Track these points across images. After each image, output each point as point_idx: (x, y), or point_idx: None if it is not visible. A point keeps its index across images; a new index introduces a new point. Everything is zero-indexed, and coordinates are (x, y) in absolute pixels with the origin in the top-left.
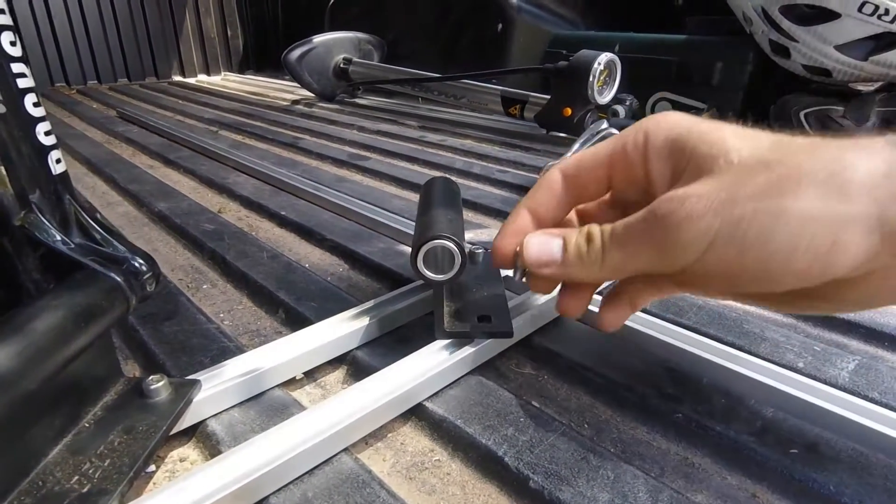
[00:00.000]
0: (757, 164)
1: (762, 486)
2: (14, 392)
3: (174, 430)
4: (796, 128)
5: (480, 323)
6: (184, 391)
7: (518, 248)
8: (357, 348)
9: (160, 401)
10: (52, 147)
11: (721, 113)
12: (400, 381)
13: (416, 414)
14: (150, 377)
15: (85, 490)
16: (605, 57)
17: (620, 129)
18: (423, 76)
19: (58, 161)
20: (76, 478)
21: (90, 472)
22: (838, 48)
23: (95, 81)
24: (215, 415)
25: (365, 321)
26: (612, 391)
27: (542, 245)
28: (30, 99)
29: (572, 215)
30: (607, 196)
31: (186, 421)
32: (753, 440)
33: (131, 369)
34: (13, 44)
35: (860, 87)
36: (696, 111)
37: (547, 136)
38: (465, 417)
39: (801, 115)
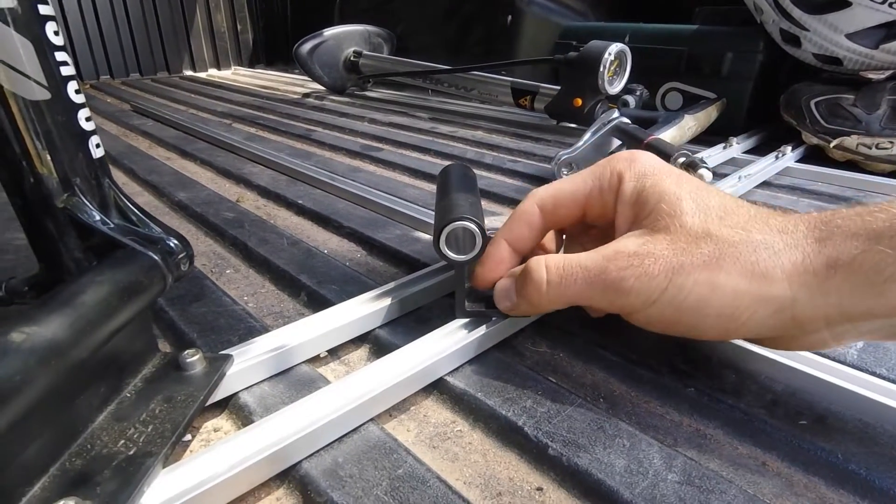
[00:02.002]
0: (703, 234)
1: (772, 455)
2: (67, 360)
3: (208, 402)
4: (806, 117)
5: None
6: (217, 365)
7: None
8: (378, 328)
9: (195, 373)
10: (92, 132)
11: (731, 103)
12: (422, 356)
13: (438, 388)
14: (186, 351)
15: (131, 453)
16: (615, 47)
17: (631, 119)
18: (433, 68)
19: (97, 146)
20: (122, 441)
21: (135, 436)
22: (849, 36)
23: (108, 76)
24: (246, 388)
25: (386, 302)
26: (626, 368)
27: (503, 291)
28: (72, 86)
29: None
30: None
31: (219, 394)
32: (764, 412)
33: (163, 347)
34: (56, 33)
35: (871, 75)
36: (707, 101)
37: (557, 127)
38: (485, 391)
39: (812, 103)
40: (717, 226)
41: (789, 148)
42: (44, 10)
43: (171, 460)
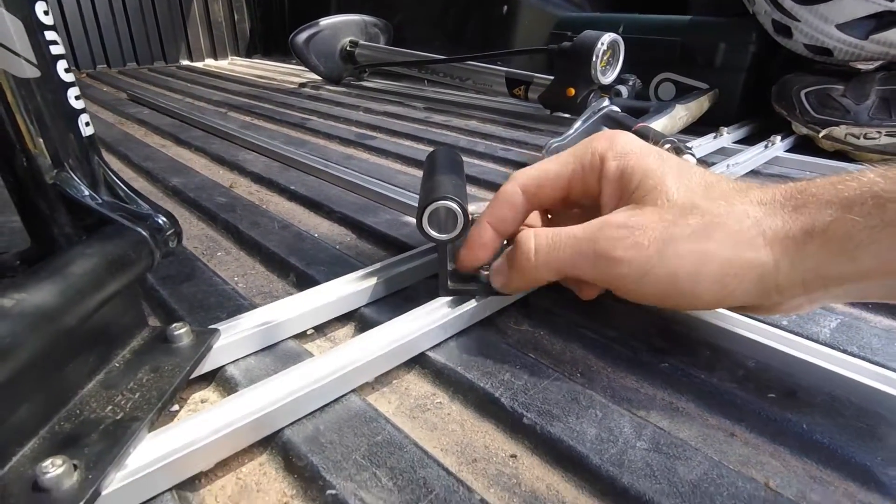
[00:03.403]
0: (690, 207)
1: (741, 426)
2: (56, 326)
3: (195, 374)
4: (796, 107)
5: (481, 282)
6: (204, 338)
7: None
8: (364, 306)
9: (183, 346)
10: (82, 111)
11: (723, 94)
12: (404, 331)
13: (420, 363)
14: (173, 325)
15: (118, 417)
16: (608, 37)
17: (624, 108)
18: (428, 58)
19: (87, 124)
20: (109, 407)
21: (122, 403)
22: (839, 27)
23: (105, 65)
24: (233, 362)
25: (372, 281)
26: (604, 346)
27: (497, 268)
28: (61, 65)
29: (535, 213)
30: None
31: (206, 366)
32: (735, 387)
33: (153, 323)
34: (46, 13)
35: (860, 66)
36: (699, 91)
37: (551, 117)
38: (465, 365)
39: (802, 94)
40: (702, 199)
41: (779, 138)
42: None
43: (157, 426)
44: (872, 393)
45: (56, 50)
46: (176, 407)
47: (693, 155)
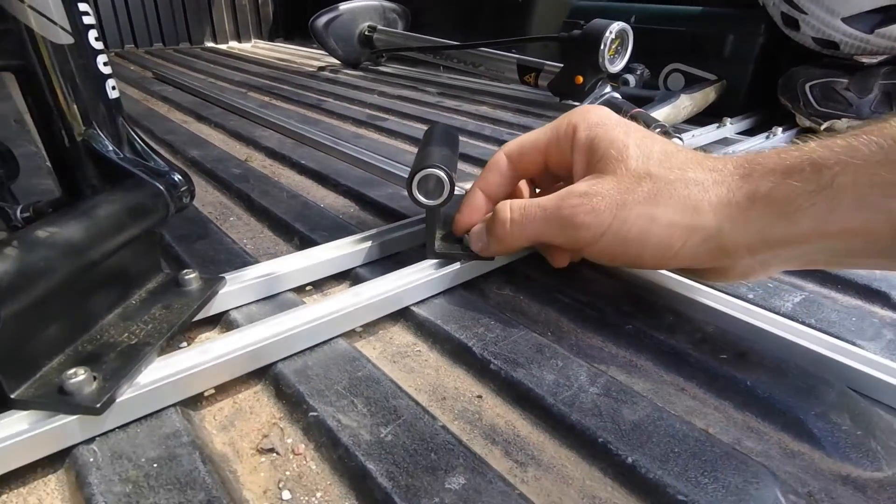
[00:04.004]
0: (644, 174)
1: (691, 382)
2: (82, 259)
3: (203, 316)
4: (800, 99)
5: (465, 247)
6: (211, 283)
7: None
8: (359, 266)
9: (192, 289)
10: (109, 76)
11: (731, 85)
12: (390, 286)
13: (404, 316)
14: (184, 271)
15: (133, 342)
16: (616, 26)
17: (630, 97)
18: (443, 44)
19: (113, 88)
20: (126, 334)
21: (136, 331)
22: (845, 20)
23: (132, 45)
24: (237, 307)
25: (367, 244)
26: (577, 309)
27: (477, 233)
28: (92, 34)
29: (524, 184)
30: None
31: (213, 310)
32: (691, 348)
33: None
34: None
35: (864, 59)
36: (706, 82)
37: (560, 104)
38: (444, 319)
39: (806, 86)
40: (657, 167)
41: (780, 129)
42: None
43: (165, 352)
44: (819, 358)
45: (88, 20)
46: (184, 344)
47: (680, 139)
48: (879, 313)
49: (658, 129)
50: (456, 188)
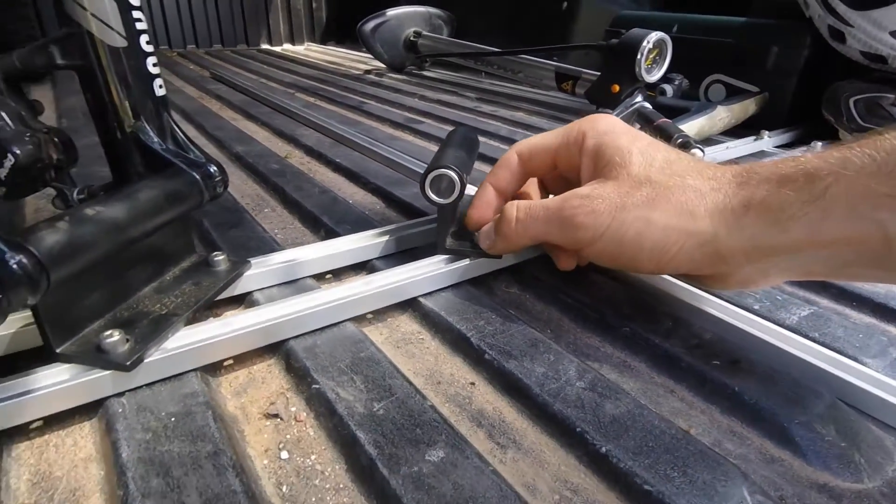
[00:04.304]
0: (644, 180)
1: (681, 385)
2: (123, 236)
3: (229, 295)
4: (843, 114)
5: (475, 244)
6: (237, 265)
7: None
8: (376, 258)
9: (220, 270)
10: (157, 76)
11: (773, 98)
12: (400, 278)
13: (412, 306)
14: (214, 253)
15: (163, 313)
16: (654, 36)
17: (665, 107)
18: (484, 50)
19: (160, 86)
20: (158, 305)
21: (168, 303)
22: (893, 34)
23: (194, 45)
24: (260, 289)
25: (385, 238)
26: (579, 310)
27: (486, 231)
28: (143, 38)
29: (535, 186)
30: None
31: (238, 290)
32: (684, 352)
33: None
34: None
35: None
36: (747, 94)
37: (597, 112)
38: (448, 311)
39: (851, 101)
40: (658, 174)
41: (819, 144)
42: None
43: (192, 322)
44: (811, 369)
45: (140, 26)
46: (212, 318)
47: (701, 150)
48: (892, 332)
49: (680, 140)
50: (470, 188)
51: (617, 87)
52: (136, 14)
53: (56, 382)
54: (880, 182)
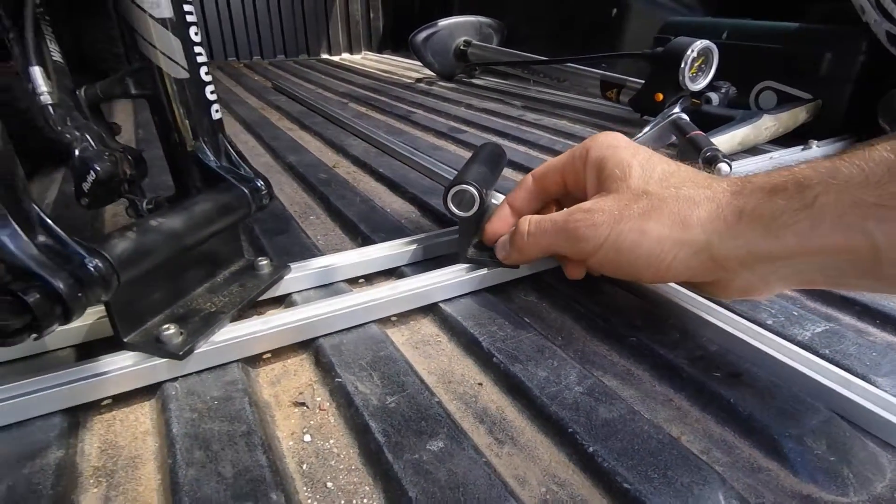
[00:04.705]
0: (642, 192)
1: (680, 394)
2: (180, 243)
3: (271, 296)
4: None
5: (494, 255)
6: (279, 269)
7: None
8: (405, 265)
9: (263, 273)
10: (214, 102)
11: (826, 105)
12: (423, 284)
13: (433, 311)
14: (259, 258)
15: (213, 311)
16: (699, 44)
17: (710, 116)
18: (530, 59)
19: (216, 111)
20: (208, 304)
21: (217, 302)
22: None
23: (259, 56)
24: (298, 291)
25: (413, 247)
26: (590, 319)
27: (502, 243)
28: (203, 70)
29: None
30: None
31: (280, 291)
32: (687, 364)
33: (248, 256)
34: (196, 34)
35: None
36: (795, 102)
37: (640, 120)
38: (465, 316)
39: None
40: (656, 185)
41: (815, 143)
42: (190, 18)
43: (237, 319)
44: (811, 384)
45: (200, 59)
46: (255, 316)
47: (729, 164)
48: None
49: (708, 153)
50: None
51: (661, 96)
52: (198, 49)
53: (123, 367)
54: (868, 191)
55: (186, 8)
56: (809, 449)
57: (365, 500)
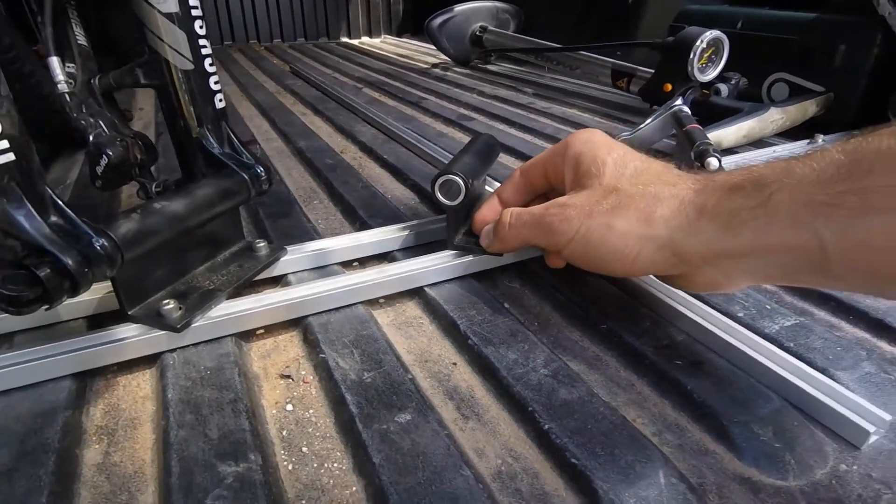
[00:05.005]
0: (613, 189)
1: (642, 380)
2: (182, 225)
3: (268, 276)
4: None
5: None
6: (275, 251)
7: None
8: (397, 250)
9: (261, 255)
10: (218, 91)
11: (840, 98)
12: (410, 268)
13: (419, 294)
14: (257, 240)
15: (211, 288)
16: (709, 35)
17: (718, 107)
18: (543, 46)
19: (220, 100)
20: (207, 282)
21: (216, 280)
22: None
23: (280, 39)
24: (294, 272)
25: (405, 233)
26: (567, 306)
27: (486, 232)
28: (207, 61)
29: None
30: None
31: (276, 272)
32: (652, 351)
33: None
34: (201, 27)
35: None
36: (808, 94)
37: (650, 110)
38: (447, 300)
39: None
40: (626, 183)
41: (822, 137)
42: (195, 12)
43: (233, 297)
44: (770, 374)
45: (205, 51)
46: (253, 294)
47: (718, 158)
48: (879, 348)
49: (701, 147)
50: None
51: (669, 87)
52: (202, 42)
53: (127, 337)
54: (818, 190)
55: (192, 3)
56: (756, 435)
57: (335, 465)
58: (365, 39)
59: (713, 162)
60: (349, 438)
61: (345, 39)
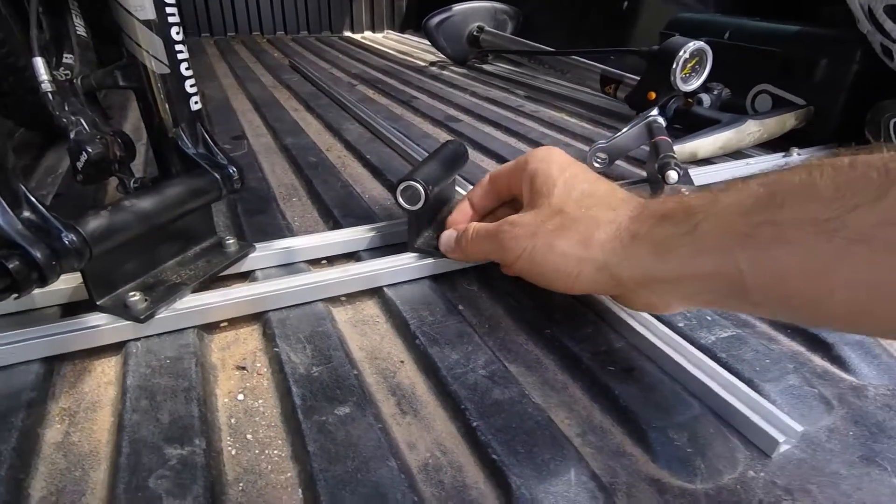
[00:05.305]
0: (558, 211)
1: (577, 383)
2: (152, 221)
3: (236, 271)
4: (881, 135)
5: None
6: (244, 248)
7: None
8: (364, 250)
9: (230, 251)
10: (194, 94)
11: (819, 112)
12: (370, 268)
13: (378, 294)
14: (226, 237)
15: (178, 282)
16: (692, 45)
17: (697, 118)
18: (536, 49)
19: (196, 102)
20: (175, 276)
21: (183, 274)
22: None
23: (283, 32)
24: (261, 269)
25: (372, 234)
26: (519, 311)
27: (447, 238)
28: (184, 65)
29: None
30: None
31: (245, 267)
32: (589, 357)
33: (226, 234)
34: (178, 33)
35: None
36: (787, 108)
37: (635, 117)
38: (403, 300)
39: (892, 122)
40: (572, 205)
41: (796, 151)
42: (172, 19)
43: (198, 290)
44: (695, 382)
45: (181, 56)
46: (219, 289)
47: (678, 172)
48: (811, 362)
49: (664, 159)
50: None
51: (653, 95)
52: (179, 47)
53: (95, 325)
54: (739, 220)
55: (168, 10)
56: (671, 440)
57: (275, 451)
58: (367, 34)
59: (672, 175)
60: (291, 427)
61: (348, 34)
